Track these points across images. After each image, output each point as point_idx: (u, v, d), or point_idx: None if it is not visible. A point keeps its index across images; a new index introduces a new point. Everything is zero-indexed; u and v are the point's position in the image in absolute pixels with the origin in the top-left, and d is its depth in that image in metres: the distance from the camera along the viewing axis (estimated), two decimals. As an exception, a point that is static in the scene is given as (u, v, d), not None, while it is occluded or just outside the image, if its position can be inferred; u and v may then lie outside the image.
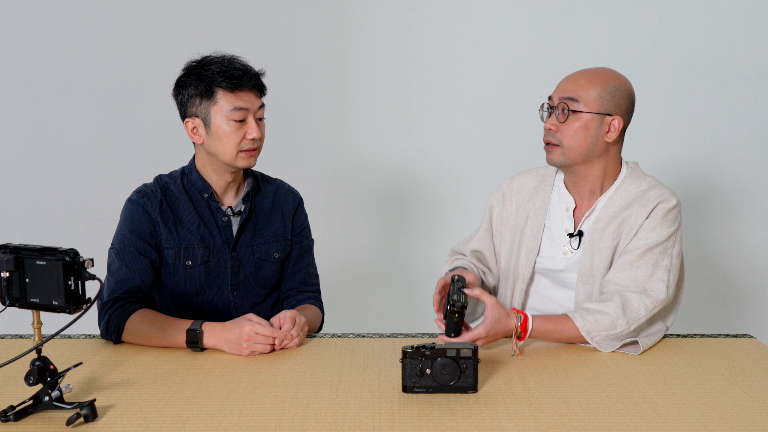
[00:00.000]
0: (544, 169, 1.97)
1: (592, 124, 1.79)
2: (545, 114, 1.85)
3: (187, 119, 1.85)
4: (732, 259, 3.19)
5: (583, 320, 1.70)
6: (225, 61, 1.82)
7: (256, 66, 1.86)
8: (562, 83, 1.83)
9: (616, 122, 1.80)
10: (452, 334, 1.63)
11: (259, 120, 1.86)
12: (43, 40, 3.06)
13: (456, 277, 1.68)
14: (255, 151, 1.85)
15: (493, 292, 2.03)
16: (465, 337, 1.63)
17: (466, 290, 1.65)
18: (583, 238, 1.85)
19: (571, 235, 1.87)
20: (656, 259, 1.76)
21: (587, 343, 1.71)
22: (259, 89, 1.86)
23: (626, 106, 1.82)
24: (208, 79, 1.80)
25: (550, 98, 1.85)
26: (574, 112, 1.78)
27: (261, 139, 1.85)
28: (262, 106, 1.86)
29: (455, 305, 1.61)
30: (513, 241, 1.96)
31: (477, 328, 1.64)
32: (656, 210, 1.78)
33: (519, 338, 1.68)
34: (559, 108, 1.80)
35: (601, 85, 1.79)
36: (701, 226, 3.16)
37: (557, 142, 1.81)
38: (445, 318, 1.66)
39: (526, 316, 1.69)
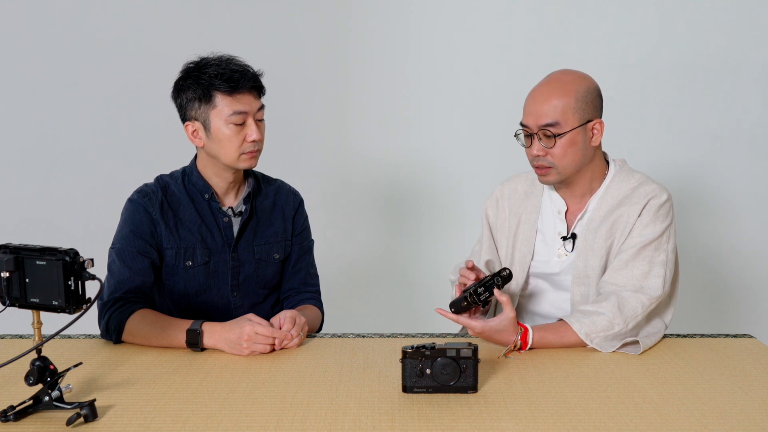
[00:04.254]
0: (533, 174, 1.95)
1: (578, 137, 1.77)
2: (523, 140, 1.81)
3: (186, 123, 1.85)
4: (732, 259, 3.19)
5: (580, 324, 1.70)
6: (222, 63, 1.80)
7: (255, 66, 1.86)
8: (533, 106, 1.77)
9: (598, 125, 1.79)
10: (453, 310, 1.64)
11: (259, 121, 1.85)
12: (43, 40, 3.06)
13: (506, 272, 1.68)
14: (256, 152, 1.85)
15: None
16: (461, 320, 1.65)
17: (496, 291, 1.65)
18: (576, 240, 1.85)
19: (564, 238, 1.86)
20: (651, 255, 1.76)
21: (588, 345, 1.71)
22: (258, 90, 1.84)
23: (600, 105, 1.81)
24: (205, 83, 1.79)
25: (523, 125, 1.80)
26: (559, 135, 1.75)
27: (261, 141, 1.85)
28: (262, 107, 1.85)
29: (471, 297, 1.62)
30: (507, 246, 1.95)
31: (477, 321, 1.64)
32: (648, 207, 1.78)
33: (519, 350, 1.68)
34: (541, 135, 1.76)
35: (572, 95, 1.75)
36: (701, 225, 3.16)
37: (549, 165, 1.79)
38: (463, 291, 1.66)
39: (526, 329, 1.69)
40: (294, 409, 1.37)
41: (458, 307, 1.64)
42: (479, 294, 1.62)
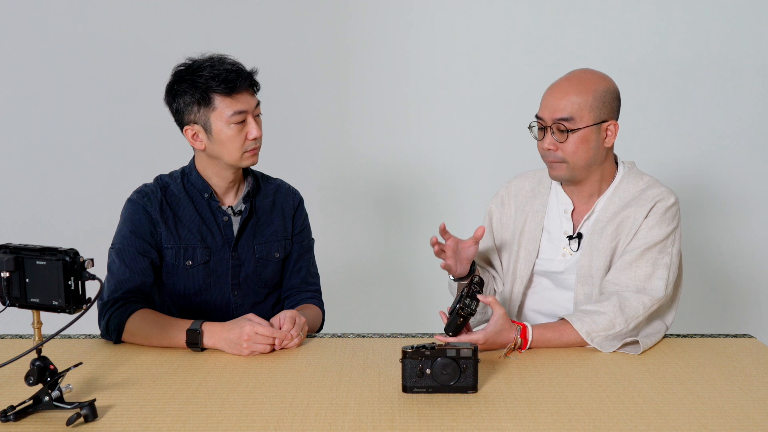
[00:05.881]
0: (540, 172, 1.96)
1: (591, 135, 1.77)
2: (536, 132, 1.82)
3: (186, 127, 1.84)
4: (732, 258, 3.19)
5: (581, 323, 1.70)
6: (216, 64, 1.79)
7: (250, 63, 1.86)
8: (550, 100, 1.78)
9: (612, 126, 1.79)
10: (450, 334, 1.63)
11: (256, 117, 1.86)
12: (43, 40, 3.06)
13: (477, 279, 1.68)
14: (258, 149, 1.86)
15: (498, 295, 2.02)
16: (462, 339, 1.62)
17: (479, 296, 1.64)
18: (582, 240, 1.85)
19: (570, 237, 1.87)
20: (656, 257, 1.76)
21: (588, 345, 1.71)
22: (253, 87, 1.85)
23: (617, 107, 1.81)
24: (203, 86, 1.78)
25: (539, 117, 1.80)
26: (573, 130, 1.76)
27: (261, 137, 1.86)
28: (258, 103, 1.86)
29: (463, 310, 1.61)
30: (512, 243, 1.96)
31: (477, 333, 1.64)
32: (655, 209, 1.78)
33: (519, 349, 1.68)
34: (555, 128, 1.77)
35: (591, 94, 1.76)
36: (702, 225, 3.16)
37: (561, 159, 1.79)
38: (449, 314, 1.65)
39: (524, 327, 1.69)
40: (294, 409, 1.37)
41: (455, 327, 1.63)
42: (468, 305, 1.61)
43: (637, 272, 1.75)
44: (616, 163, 1.90)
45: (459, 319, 1.62)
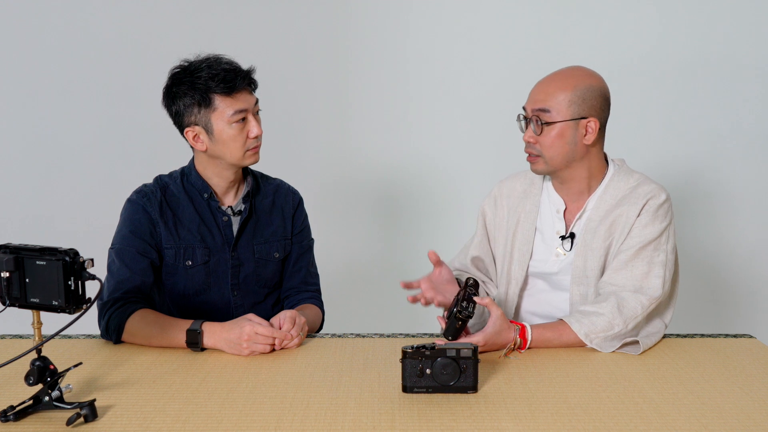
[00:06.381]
0: (531, 173, 1.96)
1: (568, 131, 1.77)
2: (522, 125, 1.83)
3: (186, 129, 1.84)
4: (732, 258, 3.19)
5: (579, 324, 1.70)
6: (213, 64, 1.80)
7: (246, 62, 1.85)
8: (533, 92, 1.81)
9: (593, 124, 1.78)
10: (450, 338, 1.63)
11: (256, 115, 1.86)
12: (43, 40, 3.06)
13: (471, 281, 1.68)
14: (259, 147, 1.87)
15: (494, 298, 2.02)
16: (462, 342, 1.62)
17: (476, 298, 1.64)
18: (575, 240, 1.85)
19: (563, 238, 1.86)
20: (651, 256, 1.76)
21: (587, 345, 1.71)
22: (252, 85, 1.86)
23: (600, 105, 1.80)
24: (202, 87, 1.78)
25: (524, 109, 1.82)
26: (548, 123, 1.77)
27: (261, 134, 1.86)
28: (257, 101, 1.87)
29: (461, 313, 1.61)
30: (506, 245, 1.95)
31: (476, 336, 1.64)
32: (647, 207, 1.78)
33: (519, 349, 1.68)
34: (533, 120, 1.78)
35: (570, 89, 1.76)
36: (701, 225, 3.16)
37: (538, 153, 1.80)
38: (447, 318, 1.66)
39: (523, 327, 1.69)
40: (294, 409, 1.37)
41: (454, 331, 1.63)
42: (465, 308, 1.62)
43: (634, 272, 1.75)
44: (607, 162, 1.89)
45: (457, 323, 1.62)
